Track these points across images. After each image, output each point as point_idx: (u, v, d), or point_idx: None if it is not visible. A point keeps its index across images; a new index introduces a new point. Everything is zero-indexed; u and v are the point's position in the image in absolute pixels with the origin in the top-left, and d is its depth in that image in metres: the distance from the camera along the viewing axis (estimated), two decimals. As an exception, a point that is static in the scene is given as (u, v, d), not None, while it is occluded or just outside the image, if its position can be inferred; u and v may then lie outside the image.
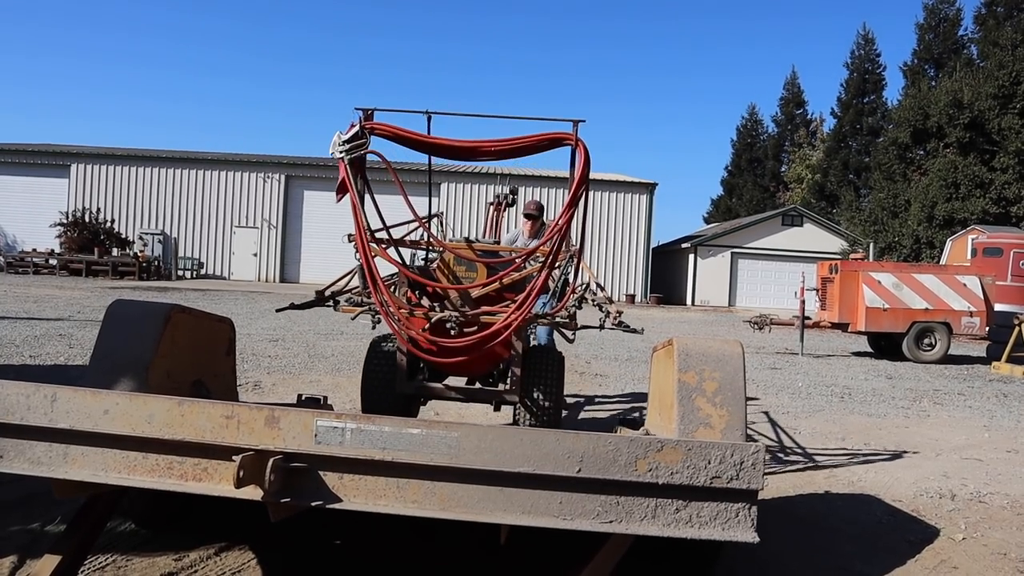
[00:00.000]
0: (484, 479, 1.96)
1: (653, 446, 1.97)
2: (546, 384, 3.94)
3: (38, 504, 3.36)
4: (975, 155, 25.96)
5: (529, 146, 3.27)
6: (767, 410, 7.06)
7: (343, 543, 3.25)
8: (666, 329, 16.84)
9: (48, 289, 18.80)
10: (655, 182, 32.66)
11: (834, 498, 4.31)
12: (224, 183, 32.14)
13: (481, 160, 3.41)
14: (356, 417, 2.01)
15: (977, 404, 8.32)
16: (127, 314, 2.86)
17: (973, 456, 5.65)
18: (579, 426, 6.01)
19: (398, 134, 3.24)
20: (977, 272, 13.42)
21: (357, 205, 3.23)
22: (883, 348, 13.43)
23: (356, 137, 3.15)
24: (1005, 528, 3.93)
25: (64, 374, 6.70)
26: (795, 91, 50.69)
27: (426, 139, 3.34)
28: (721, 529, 1.97)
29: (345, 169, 3.18)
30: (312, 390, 6.58)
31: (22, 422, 2.07)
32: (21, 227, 30.90)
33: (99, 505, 2.49)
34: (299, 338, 10.90)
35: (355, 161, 3.22)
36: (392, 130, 3.24)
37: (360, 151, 3.18)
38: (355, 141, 3.15)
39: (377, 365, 4.11)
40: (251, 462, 1.94)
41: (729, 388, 2.59)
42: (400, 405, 4.14)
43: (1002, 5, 30.97)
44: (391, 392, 4.01)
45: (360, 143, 3.16)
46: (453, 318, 3.40)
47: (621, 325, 3.98)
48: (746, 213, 45.24)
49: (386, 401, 4.06)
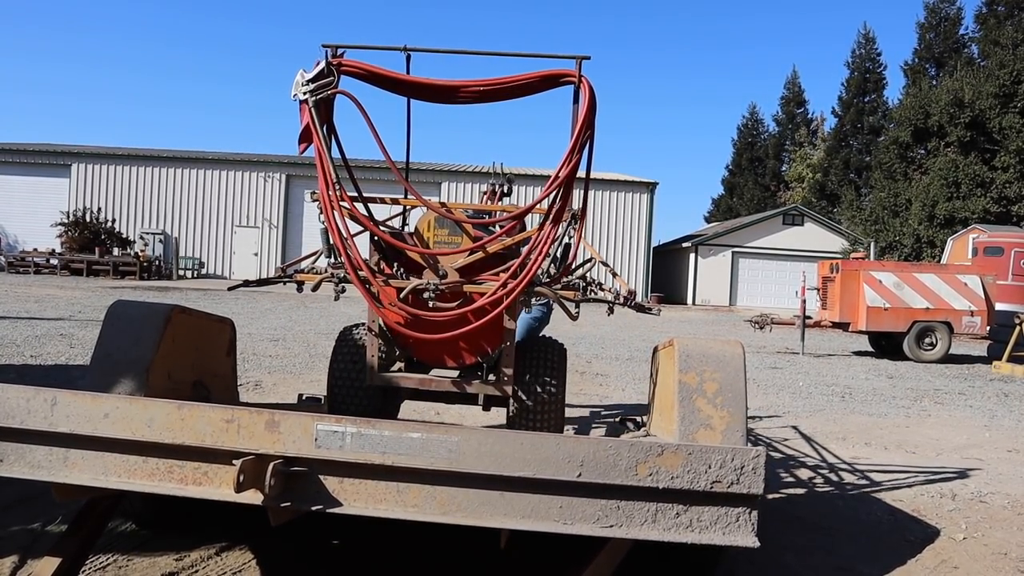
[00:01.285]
0: (484, 483, 1.96)
1: (654, 450, 1.97)
2: (546, 382, 3.42)
3: (39, 504, 3.36)
4: (976, 154, 25.95)
5: (523, 85, 2.85)
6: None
7: (343, 543, 3.25)
8: (667, 329, 16.83)
9: (49, 289, 18.81)
10: (656, 181, 32.65)
11: (834, 498, 4.30)
12: (225, 183, 32.14)
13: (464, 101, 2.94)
14: (356, 421, 2.01)
15: (978, 404, 8.31)
16: (128, 314, 2.87)
17: (974, 456, 5.65)
18: (579, 427, 6.01)
19: (371, 71, 2.86)
20: (978, 271, 13.41)
21: (323, 154, 2.81)
22: (884, 347, 13.43)
23: (321, 76, 2.76)
24: (1006, 528, 3.93)
25: (65, 374, 6.71)
26: (796, 90, 50.67)
27: (402, 78, 2.95)
28: (721, 534, 1.97)
29: (310, 113, 2.76)
30: (313, 390, 6.55)
31: (22, 426, 2.07)
32: (22, 227, 30.90)
33: (100, 506, 2.50)
34: (300, 338, 10.90)
35: (321, 105, 2.79)
36: (364, 68, 2.85)
37: (326, 91, 2.77)
38: (320, 80, 2.75)
39: (346, 356, 3.56)
40: (251, 466, 1.94)
41: (730, 389, 2.58)
42: (373, 403, 3.55)
43: (1003, 4, 30.91)
44: (361, 387, 3.47)
45: (326, 82, 2.76)
46: (431, 286, 2.94)
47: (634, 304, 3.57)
48: (747, 212, 45.22)
49: (356, 398, 3.52)
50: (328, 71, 2.78)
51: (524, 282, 2.86)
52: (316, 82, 2.75)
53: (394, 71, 2.94)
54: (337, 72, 2.82)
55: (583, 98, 2.77)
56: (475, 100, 2.95)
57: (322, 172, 2.84)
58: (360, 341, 3.55)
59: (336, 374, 3.58)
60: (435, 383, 3.35)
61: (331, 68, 2.79)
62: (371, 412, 3.53)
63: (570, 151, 2.77)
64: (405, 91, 3.08)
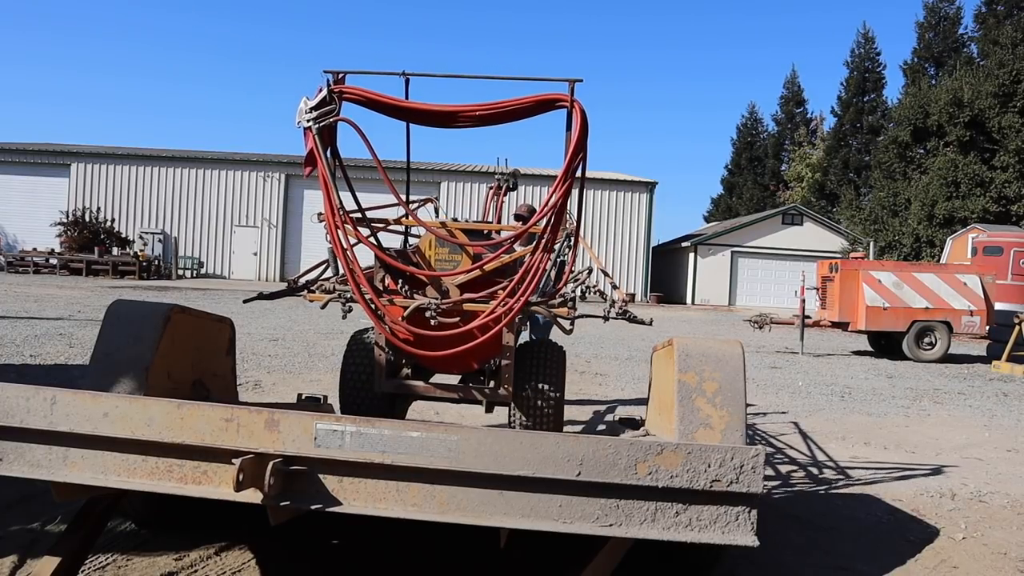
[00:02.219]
0: (484, 482, 1.96)
1: (653, 449, 1.97)
2: (545, 383, 3.54)
3: (38, 504, 3.36)
4: (975, 154, 25.95)
5: (518, 110, 2.93)
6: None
7: (343, 543, 3.25)
8: (666, 328, 16.83)
9: (48, 288, 18.80)
10: (655, 181, 32.66)
11: (834, 497, 4.31)
12: (224, 182, 32.13)
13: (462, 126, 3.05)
14: (356, 420, 2.01)
15: (977, 403, 8.32)
16: (127, 314, 2.86)
17: (973, 455, 5.65)
18: (578, 427, 6.01)
19: (371, 99, 2.96)
20: (977, 271, 13.42)
21: (327, 180, 2.92)
22: (883, 347, 13.43)
23: (324, 103, 2.86)
24: (1005, 527, 3.93)
25: (65, 374, 6.71)
26: (795, 90, 50.64)
27: (402, 104, 3.04)
28: (721, 533, 1.97)
29: (314, 140, 2.88)
30: (312, 389, 6.56)
31: (22, 425, 2.07)
32: (21, 226, 30.88)
33: (99, 506, 2.50)
34: (299, 337, 10.90)
35: (324, 131, 2.92)
36: (364, 94, 2.95)
37: (329, 119, 2.88)
38: (323, 108, 2.86)
39: (357, 361, 3.75)
40: (251, 465, 1.94)
41: (729, 389, 2.58)
42: (382, 406, 3.76)
43: (1002, 4, 30.92)
44: (370, 391, 3.67)
45: (329, 110, 2.87)
46: (432, 305, 3.09)
47: (627, 315, 3.68)
48: (746, 212, 45.23)
49: (366, 401, 3.71)
50: (330, 98, 2.87)
51: (519, 305, 2.99)
52: (319, 110, 2.85)
53: (393, 97, 3.03)
54: (339, 99, 2.92)
55: (575, 122, 2.83)
56: (473, 124, 3.05)
57: (327, 195, 2.95)
58: (369, 346, 3.71)
59: (347, 379, 3.76)
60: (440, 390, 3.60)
61: (332, 96, 2.88)
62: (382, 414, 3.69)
63: (563, 175, 2.83)
64: (405, 116, 3.18)
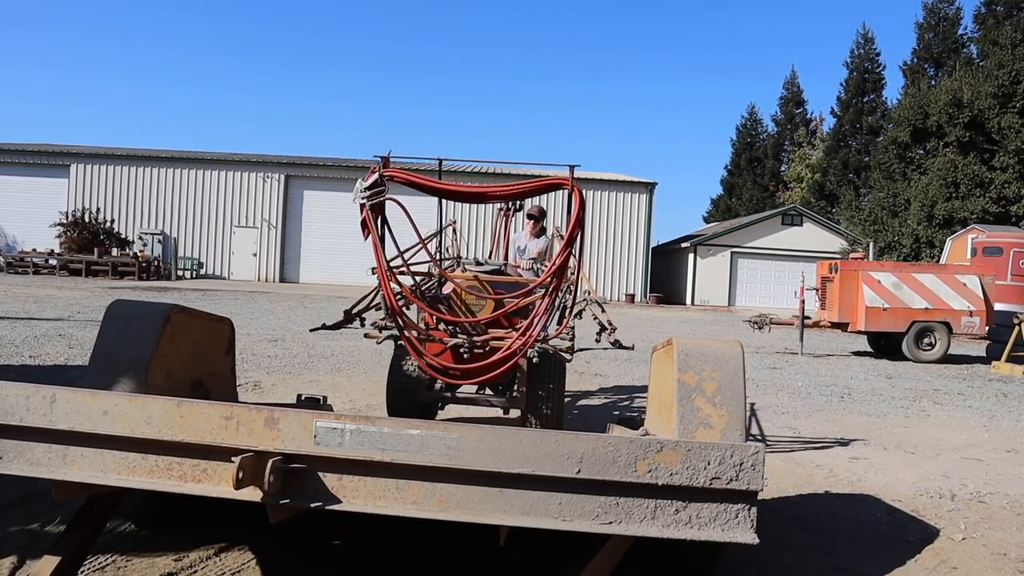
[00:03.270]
0: (483, 480, 1.96)
1: (653, 447, 1.97)
2: (549, 389, 4.44)
3: (38, 504, 3.36)
4: (975, 154, 25.95)
5: (530, 191, 3.58)
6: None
7: (343, 543, 3.25)
8: (666, 329, 16.83)
9: (48, 289, 18.79)
10: (655, 181, 32.63)
11: (834, 498, 4.31)
12: (224, 183, 32.11)
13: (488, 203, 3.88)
14: (355, 418, 2.01)
15: (977, 404, 8.32)
16: (127, 314, 2.86)
17: (973, 456, 5.65)
18: (578, 426, 6.01)
19: (414, 181, 3.60)
20: (977, 271, 13.41)
21: (378, 245, 3.57)
22: (883, 348, 13.43)
23: (376, 184, 3.50)
24: (1005, 528, 3.93)
25: (64, 374, 6.71)
26: (795, 90, 50.65)
27: (439, 185, 3.65)
28: (720, 530, 1.97)
29: (367, 213, 3.49)
30: (312, 390, 6.57)
31: (22, 423, 2.07)
32: (21, 227, 30.87)
33: (99, 505, 2.49)
34: (299, 338, 10.89)
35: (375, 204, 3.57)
36: (409, 178, 3.59)
37: (379, 198, 3.52)
38: (375, 188, 3.50)
39: (399, 378, 4.88)
40: (250, 463, 1.94)
41: (729, 388, 2.58)
42: (421, 409, 4.94)
43: (1002, 4, 30.93)
44: (413, 400, 4.79)
45: (380, 190, 3.51)
46: (465, 344, 4.04)
47: (616, 344, 4.54)
48: (746, 212, 45.22)
49: (409, 407, 4.83)
50: (380, 181, 3.53)
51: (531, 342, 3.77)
52: (371, 190, 3.49)
53: (431, 179, 3.67)
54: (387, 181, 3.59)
55: (575, 202, 3.45)
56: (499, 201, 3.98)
57: (377, 256, 3.62)
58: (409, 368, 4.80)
59: (393, 390, 4.92)
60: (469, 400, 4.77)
61: (382, 179, 3.54)
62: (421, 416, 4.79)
63: (565, 244, 3.51)
64: (442, 195, 3.84)
